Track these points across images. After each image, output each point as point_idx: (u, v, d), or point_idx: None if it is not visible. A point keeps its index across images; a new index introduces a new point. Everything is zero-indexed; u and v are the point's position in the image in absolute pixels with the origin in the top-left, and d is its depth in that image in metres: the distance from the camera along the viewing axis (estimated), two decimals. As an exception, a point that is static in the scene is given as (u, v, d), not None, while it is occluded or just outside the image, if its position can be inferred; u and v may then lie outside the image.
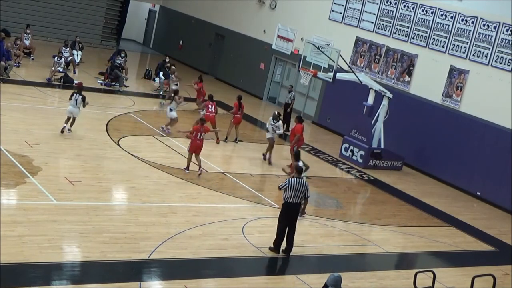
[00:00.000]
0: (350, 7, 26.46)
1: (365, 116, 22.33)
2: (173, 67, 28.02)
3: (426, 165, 23.01)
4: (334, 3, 27.11)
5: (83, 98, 19.17)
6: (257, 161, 20.61)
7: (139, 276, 11.82)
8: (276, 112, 20.82)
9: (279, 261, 13.71)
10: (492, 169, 21.16)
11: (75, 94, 19.19)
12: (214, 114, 21.80)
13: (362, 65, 25.74)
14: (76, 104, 19.07)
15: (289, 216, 13.70)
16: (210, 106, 21.86)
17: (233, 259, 13.32)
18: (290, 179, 13.70)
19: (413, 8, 24.22)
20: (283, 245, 13.80)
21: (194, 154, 17.81)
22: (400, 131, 23.58)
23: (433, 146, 22.89)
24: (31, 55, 28.83)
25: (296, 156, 16.81)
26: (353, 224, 16.70)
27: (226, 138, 21.77)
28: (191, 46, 35.46)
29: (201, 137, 17.86)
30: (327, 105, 27.09)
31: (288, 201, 13.60)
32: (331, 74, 21.51)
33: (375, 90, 22.19)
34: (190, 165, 17.84)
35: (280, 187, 13.75)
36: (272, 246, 13.80)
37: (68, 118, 19.13)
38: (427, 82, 23.49)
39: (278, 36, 29.16)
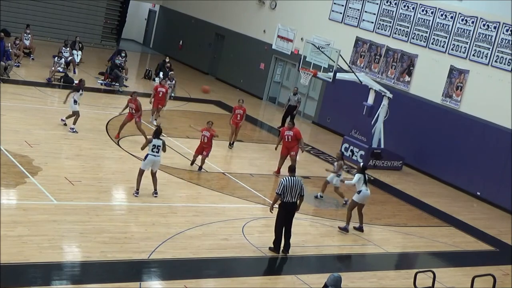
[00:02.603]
0: (350, 7, 26.45)
1: (365, 116, 22.32)
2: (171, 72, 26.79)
3: (426, 165, 23.01)
4: (334, 3, 27.11)
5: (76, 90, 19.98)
6: (257, 161, 20.59)
7: (139, 276, 11.83)
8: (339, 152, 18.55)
9: (279, 261, 13.71)
10: (492, 169, 21.15)
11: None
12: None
13: (362, 65, 25.74)
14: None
15: (286, 216, 13.68)
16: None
17: (233, 259, 13.32)
18: (283, 178, 13.63)
19: (413, 8, 24.22)
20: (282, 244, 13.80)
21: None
22: (400, 131, 23.57)
23: (433, 146, 22.89)
24: (31, 55, 28.83)
25: None
26: (353, 224, 16.68)
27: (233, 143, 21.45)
28: (191, 46, 35.45)
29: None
30: (327, 105, 27.09)
31: (285, 201, 13.55)
32: (331, 74, 21.50)
33: (375, 90, 22.18)
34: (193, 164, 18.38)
35: (278, 192, 13.55)
36: (272, 246, 13.80)
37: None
38: (427, 82, 23.48)
39: (278, 36, 29.15)
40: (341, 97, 25.87)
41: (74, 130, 19.38)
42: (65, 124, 19.79)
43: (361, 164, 16.95)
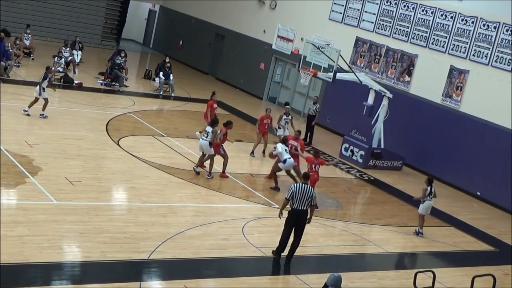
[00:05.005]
0: (350, 7, 26.46)
1: (365, 116, 22.32)
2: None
3: (426, 165, 22.99)
4: (334, 3, 27.11)
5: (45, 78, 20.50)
6: (257, 161, 20.60)
7: (139, 276, 11.82)
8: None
9: (279, 261, 13.69)
10: (492, 169, 21.15)
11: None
12: None
13: (362, 65, 25.74)
14: None
15: (294, 223, 13.37)
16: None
17: (233, 259, 13.32)
18: (294, 185, 13.44)
19: (413, 8, 24.22)
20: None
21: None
22: (400, 131, 23.57)
23: (433, 146, 22.89)
24: (31, 55, 28.83)
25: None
26: (353, 224, 16.70)
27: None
28: (191, 46, 35.45)
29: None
30: (327, 105, 27.07)
31: (294, 207, 13.29)
32: (331, 74, 21.50)
33: (375, 90, 22.18)
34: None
35: (287, 197, 13.32)
36: (274, 250, 13.65)
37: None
38: (427, 82, 23.49)
39: (278, 36, 29.16)
40: (341, 97, 25.87)
41: (44, 115, 20.00)
42: (45, 117, 19.96)
43: (282, 136, 18.77)
